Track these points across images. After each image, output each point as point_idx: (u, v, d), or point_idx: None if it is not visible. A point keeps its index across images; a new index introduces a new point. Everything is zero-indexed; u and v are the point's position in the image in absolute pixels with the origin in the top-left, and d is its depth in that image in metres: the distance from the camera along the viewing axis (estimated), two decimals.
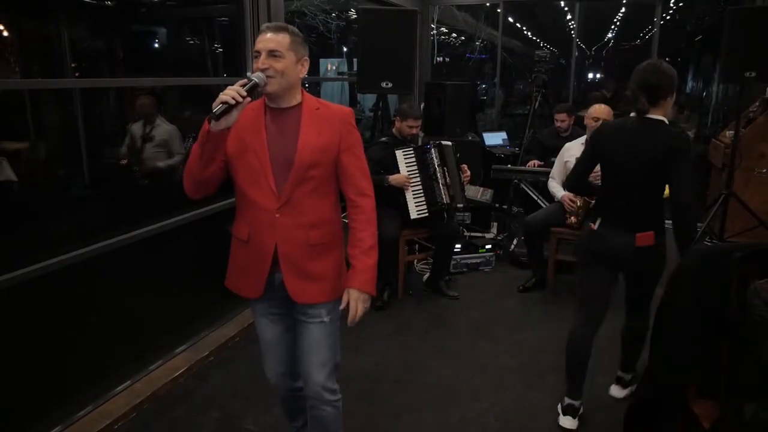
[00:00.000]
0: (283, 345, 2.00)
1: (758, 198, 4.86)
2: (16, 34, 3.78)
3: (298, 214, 1.80)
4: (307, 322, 1.91)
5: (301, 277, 1.85)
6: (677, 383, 1.93)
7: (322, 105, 1.86)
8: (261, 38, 1.75)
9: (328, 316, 1.91)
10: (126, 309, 3.16)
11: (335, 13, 6.72)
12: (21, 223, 3.27)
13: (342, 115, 1.86)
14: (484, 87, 8.04)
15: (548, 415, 2.65)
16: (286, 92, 1.78)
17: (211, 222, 3.43)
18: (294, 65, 1.77)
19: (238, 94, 1.63)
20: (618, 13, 8.96)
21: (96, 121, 4.32)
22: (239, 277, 1.93)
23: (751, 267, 1.82)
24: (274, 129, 1.80)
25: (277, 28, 1.76)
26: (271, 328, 1.98)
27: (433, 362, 3.12)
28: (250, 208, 1.83)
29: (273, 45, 1.72)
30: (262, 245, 1.82)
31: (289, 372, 2.04)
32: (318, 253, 1.86)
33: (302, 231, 1.81)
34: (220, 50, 5.20)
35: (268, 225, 1.79)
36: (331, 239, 1.89)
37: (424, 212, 3.76)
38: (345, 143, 1.84)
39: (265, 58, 1.72)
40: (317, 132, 1.79)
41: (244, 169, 1.80)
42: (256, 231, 1.83)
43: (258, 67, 1.73)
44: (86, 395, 2.61)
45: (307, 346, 1.92)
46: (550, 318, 3.67)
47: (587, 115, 4.02)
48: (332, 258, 1.91)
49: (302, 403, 2.09)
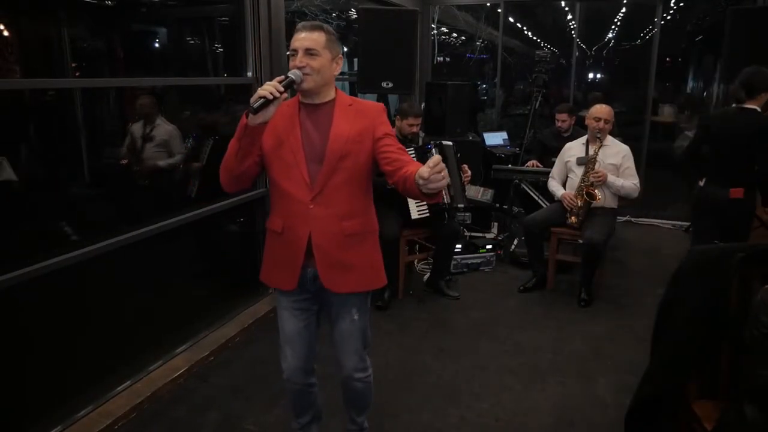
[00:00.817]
0: (301, 340, 2.04)
1: (759, 198, 4.85)
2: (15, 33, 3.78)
3: (331, 205, 1.86)
4: (339, 318, 2.00)
5: (335, 267, 1.90)
6: (678, 383, 1.92)
7: (354, 101, 1.93)
8: (297, 37, 1.81)
9: (357, 314, 2.00)
10: (126, 309, 3.15)
11: (335, 13, 6.71)
12: (21, 222, 3.26)
13: (374, 108, 1.94)
14: (485, 87, 8.03)
15: (548, 416, 2.64)
16: (321, 89, 1.85)
17: (211, 222, 3.44)
18: (329, 63, 1.84)
19: (275, 89, 1.69)
20: (618, 13, 8.95)
21: (96, 121, 4.32)
22: (273, 270, 1.99)
23: (752, 267, 1.81)
24: (309, 124, 1.87)
25: (312, 27, 1.82)
26: (293, 322, 2.02)
27: (434, 362, 3.11)
28: (284, 201, 1.89)
29: (309, 43, 1.79)
30: (296, 237, 1.88)
31: (304, 367, 2.07)
32: (351, 244, 1.91)
33: (335, 222, 1.87)
34: (220, 50, 5.19)
35: (302, 216, 1.86)
36: (363, 229, 1.95)
37: (424, 212, 3.75)
38: (380, 131, 1.88)
39: (302, 56, 1.78)
40: (349, 124, 1.85)
41: (278, 163, 1.86)
42: (290, 223, 1.89)
43: (295, 64, 1.79)
44: (86, 395, 2.61)
45: (339, 337, 2.02)
46: (550, 318, 3.67)
47: (588, 115, 4.02)
48: (365, 248, 1.97)
49: (311, 399, 2.16)
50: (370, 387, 2.16)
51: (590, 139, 4.01)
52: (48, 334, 2.78)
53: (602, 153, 3.91)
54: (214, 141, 3.98)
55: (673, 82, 8.61)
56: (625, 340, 3.36)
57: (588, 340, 3.37)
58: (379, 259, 2.04)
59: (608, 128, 3.94)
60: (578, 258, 4.01)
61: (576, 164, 4.00)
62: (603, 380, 2.93)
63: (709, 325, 1.84)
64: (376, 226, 2.03)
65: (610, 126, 3.95)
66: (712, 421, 1.75)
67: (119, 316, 3.09)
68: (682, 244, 5.05)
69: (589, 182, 3.85)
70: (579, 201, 3.87)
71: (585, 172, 3.90)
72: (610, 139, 4.00)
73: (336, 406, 2.48)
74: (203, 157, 3.97)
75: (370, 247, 1.99)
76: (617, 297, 4.00)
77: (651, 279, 4.27)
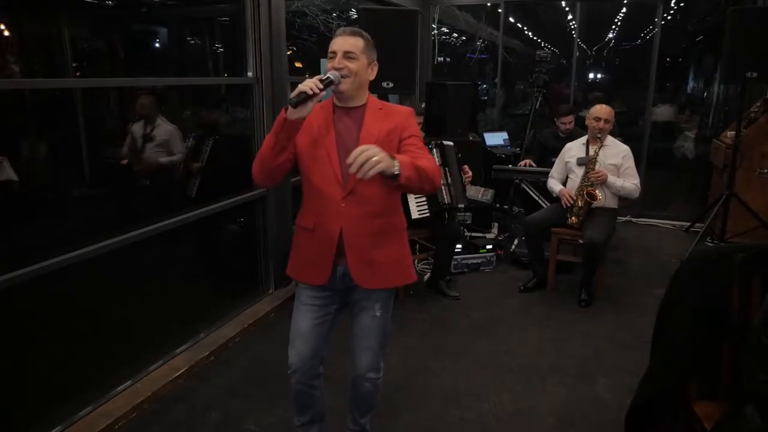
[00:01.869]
0: (313, 336, 2.05)
1: (760, 199, 4.86)
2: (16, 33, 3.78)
3: (363, 203, 1.91)
4: (361, 312, 2.05)
5: (366, 264, 1.95)
6: (678, 384, 1.92)
7: (385, 105, 2.00)
8: (337, 40, 1.89)
9: (380, 311, 2.04)
10: (126, 309, 3.15)
11: (336, 13, 6.71)
12: (22, 222, 3.26)
13: (404, 111, 2.00)
14: (485, 87, 8.02)
15: (549, 416, 2.64)
16: (356, 92, 1.92)
17: (212, 222, 3.43)
18: (366, 67, 1.92)
19: (315, 86, 1.73)
20: (619, 13, 8.95)
21: (97, 121, 4.32)
22: (304, 265, 2.02)
23: (753, 268, 1.81)
24: (342, 126, 1.94)
25: (352, 32, 1.91)
26: (308, 318, 2.05)
27: (434, 362, 3.11)
28: (317, 199, 1.94)
29: (349, 47, 1.87)
30: (327, 234, 1.93)
31: (310, 365, 2.07)
32: (381, 241, 1.96)
33: (367, 219, 1.92)
34: (221, 50, 5.19)
35: (334, 214, 1.90)
36: (393, 227, 2.01)
37: (425, 212, 3.75)
38: (407, 132, 1.95)
39: (341, 58, 1.85)
40: (379, 124, 1.91)
41: (312, 162, 1.92)
42: (321, 220, 1.94)
43: (334, 66, 1.85)
44: (87, 395, 2.60)
45: (359, 332, 2.07)
46: (550, 318, 3.67)
47: (589, 116, 4.02)
48: (394, 245, 2.02)
49: (312, 401, 2.16)
50: (378, 390, 2.20)
51: (590, 139, 4.01)
52: (48, 334, 2.78)
53: (602, 153, 3.91)
54: (214, 141, 3.99)
55: (674, 82, 8.60)
56: (626, 341, 3.36)
57: (588, 341, 3.37)
58: (408, 255, 2.09)
59: (608, 128, 3.94)
60: (578, 258, 4.02)
61: (576, 164, 4.00)
62: (603, 380, 2.93)
63: (709, 326, 1.84)
64: (404, 224, 2.08)
65: (610, 126, 3.95)
66: (713, 422, 1.74)
67: (119, 316, 3.09)
68: (682, 245, 5.05)
69: (589, 182, 3.85)
70: (579, 201, 3.86)
71: (585, 172, 3.89)
72: (611, 139, 4.00)
73: (338, 407, 2.48)
74: (203, 157, 3.97)
75: (400, 244, 2.05)
76: (617, 297, 3.99)
77: (651, 279, 4.28)
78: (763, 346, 1.49)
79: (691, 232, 5.41)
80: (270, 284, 3.88)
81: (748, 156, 4.83)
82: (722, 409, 1.77)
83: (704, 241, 5.00)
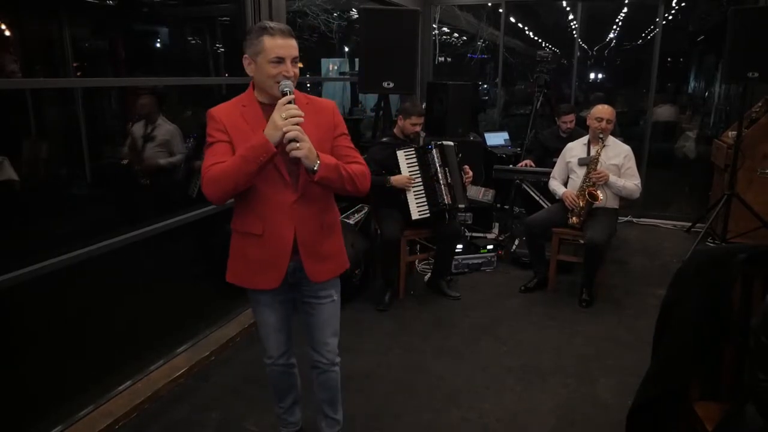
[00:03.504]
0: (284, 329, 2.12)
1: (761, 199, 4.85)
2: (17, 33, 3.78)
3: (312, 202, 1.91)
4: (320, 302, 2.05)
5: (318, 259, 1.96)
6: (680, 384, 1.92)
7: (309, 99, 1.95)
8: (281, 43, 1.77)
9: (336, 294, 2.08)
10: (127, 309, 3.16)
11: (337, 12, 6.71)
12: (22, 222, 3.27)
13: (331, 107, 1.98)
14: (486, 87, 8.02)
15: (550, 416, 2.64)
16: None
17: (212, 222, 3.43)
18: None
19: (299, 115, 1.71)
20: (620, 13, 8.95)
21: (98, 121, 4.32)
22: (253, 272, 1.97)
23: (754, 268, 1.81)
24: None
25: (290, 31, 1.81)
26: (275, 315, 2.08)
27: (435, 363, 3.11)
28: (264, 203, 1.88)
29: (295, 52, 1.80)
30: (280, 237, 1.90)
31: (287, 350, 2.17)
32: (328, 234, 2.00)
33: (316, 217, 1.93)
34: (221, 50, 5.20)
35: (286, 217, 1.88)
36: (336, 218, 2.06)
37: (425, 213, 3.75)
38: (338, 131, 1.95)
39: (291, 65, 1.78)
40: (315, 126, 1.87)
41: None
42: (272, 224, 1.89)
43: (286, 74, 1.77)
44: (87, 395, 2.60)
45: (322, 321, 2.07)
46: (551, 318, 3.66)
47: (590, 116, 4.01)
48: (337, 235, 2.06)
49: (293, 380, 2.25)
50: (339, 375, 2.20)
51: (592, 139, 4.00)
52: (49, 334, 2.79)
53: (604, 153, 3.91)
54: None
55: (675, 82, 8.60)
56: (627, 341, 3.35)
57: (589, 341, 3.37)
58: (343, 243, 2.11)
59: (610, 128, 3.94)
60: (579, 258, 4.01)
61: (578, 165, 3.99)
62: (604, 380, 2.93)
63: (711, 326, 1.84)
64: (338, 214, 2.12)
65: (611, 126, 3.94)
66: (714, 422, 1.74)
67: (120, 315, 3.09)
68: (683, 245, 5.04)
69: (590, 183, 3.85)
70: (581, 201, 3.86)
71: (587, 172, 3.89)
72: (612, 140, 4.00)
73: None
74: None
75: (337, 233, 2.07)
76: (618, 297, 3.99)
77: (652, 279, 4.27)
78: (763, 347, 1.48)
79: (693, 233, 5.41)
80: None
81: (750, 156, 4.82)
82: (723, 409, 1.76)
83: (705, 241, 4.99)
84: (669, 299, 2.02)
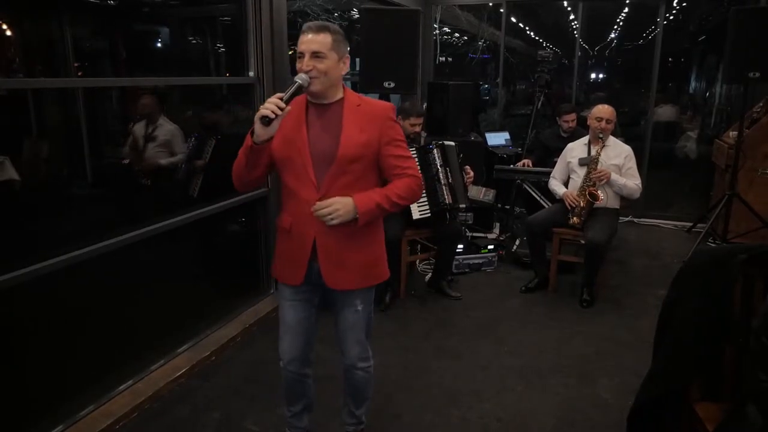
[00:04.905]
0: (301, 330, 2.09)
1: (762, 199, 4.85)
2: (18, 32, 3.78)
3: None
4: (342, 310, 2.06)
5: (338, 266, 1.94)
6: (680, 385, 1.92)
7: (363, 101, 1.93)
8: (303, 39, 1.81)
9: (361, 305, 2.05)
10: (127, 309, 3.15)
11: (338, 12, 6.71)
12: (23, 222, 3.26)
13: (383, 111, 1.94)
14: (487, 87, 8.02)
15: (550, 416, 2.64)
16: (328, 90, 1.87)
17: (213, 222, 3.43)
18: (336, 64, 1.84)
19: (276, 106, 1.70)
20: (621, 13, 8.94)
21: (99, 121, 4.32)
22: (283, 266, 2.03)
23: (755, 268, 1.81)
24: (317, 125, 1.89)
25: (318, 28, 1.81)
26: (294, 313, 2.07)
27: (435, 363, 3.11)
28: (293, 200, 1.93)
29: (316, 46, 1.79)
30: (302, 235, 1.93)
31: (301, 357, 2.13)
32: (355, 243, 1.95)
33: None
34: (222, 50, 5.20)
35: (309, 216, 1.87)
36: (369, 229, 1.97)
37: (426, 213, 3.75)
38: (386, 138, 1.90)
39: (309, 59, 1.79)
40: (360, 128, 1.86)
41: (287, 163, 1.90)
42: (297, 222, 1.93)
43: (302, 68, 1.79)
44: (88, 395, 2.61)
45: (344, 328, 2.09)
46: (552, 318, 3.66)
47: (590, 116, 4.01)
48: (368, 246, 2.00)
49: (304, 389, 2.21)
50: (371, 378, 2.21)
51: (592, 139, 4.00)
52: (49, 334, 2.78)
53: (604, 153, 3.91)
54: (217, 141, 3.99)
55: (676, 82, 8.60)
56: (627, 341, 3.35)
57: (590, 341, 3.36)
58: (382, 255, 2.08)
59: (610, 128, 3.94)
60: (580, 258, 4.01)
61: (578, 165, 3.99)
62: (605, 381, 2.93)
63: (711, 327, 1.84)
64: (379, 222, 2.06)
65: (612, 126, 3.95)
66: (715, 423, 1.74)
67: (120, 315, 3.09)
68: (684, 245, 5.04)
69: (591, 183, 3.85)
70: (582, 202, 3.86)
71: (587, 172, 3.89)
72: (612, 140, 4.00)
73: (336, 408, 2.48)
74: (205, 157, 3.97)
75: (374, 244, 2.03)
76: (619, 297, 3.99)
77: (653, 279, 4.27)
78: (764, 347, 1.48)
79: (693, 233, 5.40)
80: (271, 284, 3.88)
81: (751, 156, 4.82)
82: (724, 410, 1.76)
83: (706, 241, 4.99)
84: (670, 299, 2.02)
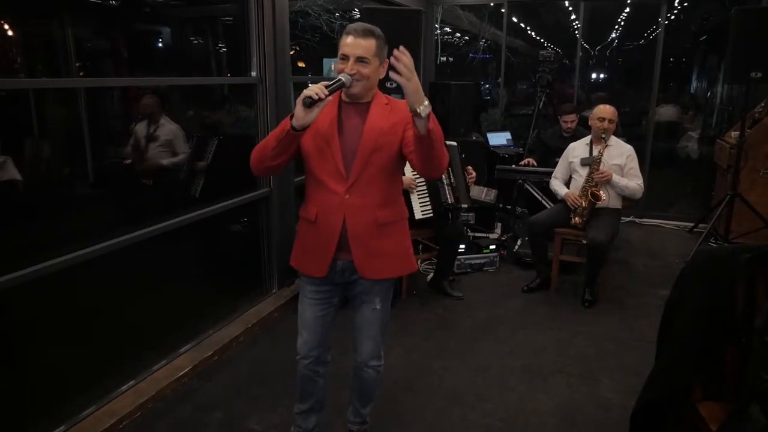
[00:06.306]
0: (318, 326, 2.12)
1: (764, 199, 4.84)
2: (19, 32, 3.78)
3: (366, 195, 1.93)
4: (362, 306, 2.10)
5: (371, 255, 1.98)
6: (683, 385, 1.92)
7: (390, 100, 1.98)
8: (349, 42, 1.83)
9: (380, 304, 2.09)
10: (130, 309, 3.15)
11: (339, 12, 6.71)
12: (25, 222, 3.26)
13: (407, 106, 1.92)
14: (488, 87, 8.01)
15: (552, 416, 2.64)
16: (367, 92, 1.92)
17: (215, 222, 3.43)
18: (377, 69, 1.89)
19: (321, 91, 1.72)
20: (622, 13, 8.93)
21: (100, 121, 4.32)
22: (305, 257, 2.06)
23: (758, 268, 1.81)
24: (347, 120, 1.94)
25: (364, 32, 1.84)
26: (312, 310, 2.10)
27: (437, 363, 3.11)
28: (320, 191, 1.96)
29: (361, 51, 1.82)
30: (329, 226, 1.95)
31: (317, 354, 2.15)
32: (384, 232, 1.98)
33: (369, 211, 1.94)
34: (224, 50, 5.20)
35: (337, 206, 1.93)
36: (395, 218, 2.03)
37: (428, 213, 3.75)
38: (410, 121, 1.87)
39: (353, 63, 1.82)
40: (383, 119, 1.90)
41: (315, 154, 1.93)
42: (324, 212, 1.96)
43: (345, 71, 1.82)
44: (90, 395, 2.61)
45: (361, 324, 2.13)
46: (554, 318, 3.66)
47: (592, 116, 4.01)
48: (397, 236, 2.04)
49: (315, 388, 2.22)
50: (380, 378, 2.25)
51: (594, 139, 4.00)
52: (52, 334, 2.79)
53: (606, 153, 3.90)
54: (219, 141, 3.99)
55: (677, 82, 8.58)
56: (629, 341, 3.35)
57: (592, 341, 3.36)
58: (410, 246, 2.11)
59: (612, 128, 3.94)
60: (582, 258, 4.01)
61: (580, 165, 3.99)
62: (607, 381, 2.93)
63: (714, 327, 1.84)
64: (406, 213, 2.11)
65: (614, 126, 3.94)
66: (718, 422, 1.74)
67: (123, 315, 3.09)
68: (686, 245, 5.04)
69: (593, 183, 3.84)
70: (583, 202, 3.85)
71: (589, 172, 3.89)
72: (614, 140, 3.99)
73: (342, 407, 2.49)
74: (207, 157, 3.98)
75: (401, 234, 2.07)
76: (621, 297, 3.99)
77: (655, 279, 4.27)
78: (766, 346, 1.49)
79: (695, 233, 5.40)
80: (274, 284, 3.89)
81: (753, 156, 4.81)
82: (727, 409, 1.76)
83: (708, 241, 4.99)
84: (672, 299, 2.02)
